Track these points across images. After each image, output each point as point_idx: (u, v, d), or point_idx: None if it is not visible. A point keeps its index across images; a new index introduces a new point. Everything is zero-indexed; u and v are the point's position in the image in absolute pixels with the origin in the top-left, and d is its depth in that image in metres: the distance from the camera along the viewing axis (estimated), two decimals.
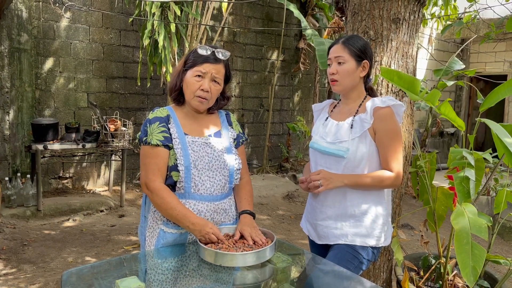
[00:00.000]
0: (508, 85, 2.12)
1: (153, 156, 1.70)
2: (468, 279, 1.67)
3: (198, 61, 1.69)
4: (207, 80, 1.69)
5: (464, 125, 2.15)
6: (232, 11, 6.65)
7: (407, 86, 2.13)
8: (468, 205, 1.89)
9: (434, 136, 9.14)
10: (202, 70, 1.68)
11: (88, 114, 5.51)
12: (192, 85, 1.70)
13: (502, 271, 3.60)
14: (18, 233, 4.08)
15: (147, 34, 4.86)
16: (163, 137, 1.70)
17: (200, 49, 1.71)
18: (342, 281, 1.58)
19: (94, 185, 5.75)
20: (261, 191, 6.01)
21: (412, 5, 2.39)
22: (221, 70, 1.73)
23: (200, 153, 1.72)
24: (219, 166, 1.75)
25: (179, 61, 1.81)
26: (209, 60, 1.69)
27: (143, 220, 1.87)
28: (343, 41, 1.88)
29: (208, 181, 1.73)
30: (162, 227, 1.74)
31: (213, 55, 1.70)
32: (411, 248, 4.15)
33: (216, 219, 1.76)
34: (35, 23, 5.07)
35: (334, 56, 1.87)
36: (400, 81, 2.12)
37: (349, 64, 1.85)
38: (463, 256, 1.72)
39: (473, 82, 9.18)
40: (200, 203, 1.72)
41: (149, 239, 1.79)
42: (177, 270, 1.60)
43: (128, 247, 3.86)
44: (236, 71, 6.89)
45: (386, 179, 1.81)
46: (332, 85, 1.91)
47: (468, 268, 1.69)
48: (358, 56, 1.85)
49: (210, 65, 1.69)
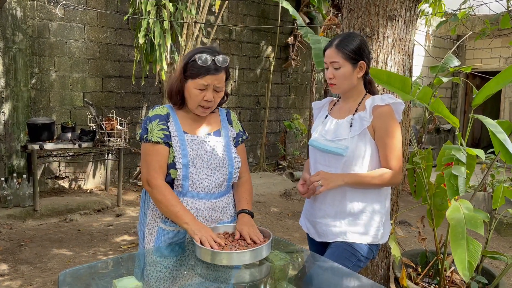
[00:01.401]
0: (497, 80, 2.11)
1: (154, 153, 1.71)
2: (464, 273, 1.68)
3: (200, 73, 1.66)
4: (210, 91, 1.68)
5: (458, 121, 2.15)
6: (228, 9, 6.64)
7: (398, 86, 2.13)
8: (464, 201, 1.90)
9: (431, 133, 9.16)
10: (204, 83, 1.66)
11: (84, 114, 5.49)
12: (196, 97, 1.69)
13: (499, 266, 3.61)
14: (15, 233, 4.07)
15: (143, 32, 4.84)
16: (163, 135, 1.71)
17: (200, 60, 1.65)
18: (340, 278, 1.58)
19: (90, 185, 5.73)
20: (258, 189, 6.01)
21: (408, 2, 2.38)
22: (222, 78, 1.71)
23: (198, 151, 1.73)
24: (218, 164, 1.75)
25: (178, 66, 1.79)
26: (210, 71, 1.66)
27: (142, 216, 1.88)
28: (337, 44, 1.84)
29: (206, 179, 1.74)
30: (161, 224, 1.75)
31: (213, 65, 1.66)
32: (409, 244, 4.15)
33: (214, 217, 1.77)
34: (30, 22, 5.04)
35: (329, 61, 1.86)
36: (390, 80, 2.11)
37: (345, 69, 1.83)
38: (458, 251, 1.72)
39: (469, 78, 9.21)
40: (198, 201, 1.73)
41: (148, 236, 1.80)
42: (175, 269, 1.59)
43: (125, 247, 3.85)
44: (232, 69, 6.88)
45: (386, 177, 1.81)
46: (331, 87, 1.91)
47: (464, 263, 1.70)
48: (353, 58, 1.83)
49: (212, 77, 1.66)
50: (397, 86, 2.13)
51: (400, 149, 1.85)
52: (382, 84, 2.15)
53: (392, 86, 2.14)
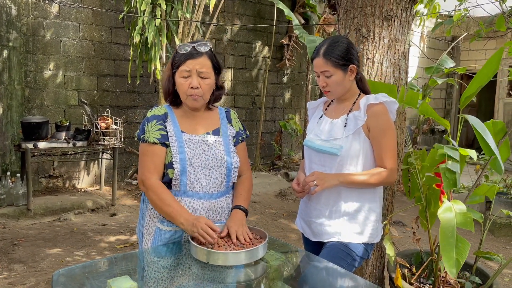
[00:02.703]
0: (479, 76, 2.11)
1: (150, 153, 1.71)
2: (451, 270, 1.71)
3: (181, 60, 1.69)
4: (194, 77, 1.68)
5: (449, 123, 2.17)
6: (224, 9, 6.63)
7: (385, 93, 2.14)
8: (457, 201, 1.92)
9: (425, 134, 9.21)
10: (186, 68, 1.68)
11: (78, 112, 5.46)
12: (182, 86, 1.69)
13: (493, 267, 3.63)
14: (8, 232, 4.04)
15: (138, 31, 4.83)
16: (160, 135, 1.71)
17: (180, 48, 1.70)
18: (335, 278, 1.58)
19: (85, 184, 5.70)
20: (254, 189, 6.01)
21: (404, 3, 2.39)
22: (205, 63, 1.70)
23: (196, 151, 1.72)
24: (216, 164, 1.74)
25: (167, 65, 1.80)
26: (190, 56, 1.68)
27: (141, 217, 1.88)
28: (324, 53, 1.83)
29: (204, 179, 1.73)
30: (158, 224, 1.75)
31: (193, 50, 1.69)
32: (403, 245, 4.17)
33: (212, 217, 1.76)
34: (24, 20, 5.01)
35: (319, 70, 1.86)
36: (377, 90, 2.12)
37: (336, 76, 1.83)
38: (447, 249, 1.75)
39: (464, 79, 9.25)
40: (196, 201, 1.72)
41: (146, 237, 1.80)
42: (173, 269, 1.59)
43: (120, 246, 3.83)
44: (228, 68, 6.87)
45: (380, 177, 1.81)
46: (326, 94, 1.92)
47: (452, 260, 1.73)
48: (343, 65, 1.82)
49: (193, 61, 1.68)
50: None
51: (395, 148, 1.86)
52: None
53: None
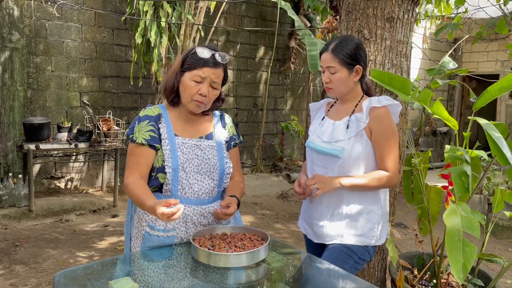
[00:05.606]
0: (501, 84, 2.14)
1: (136, 154, 1.66)
2: (458, 276, 1.68)
3: (198, 65, 1.62)
4: (205, 84, 1.63)
5: (457, 124, 2.17)
6: (226, 10, 6.64)
7: (399, 87, 2.15)
8: (462, 203, 1.90)
9: (427, 135, 9.19)
10: (202, 75, 1.62)
11: (80, 114, 5.47)
12: (190, 89, 1.63)
13: (495, 269, 3.62)
14: (10, 233, 4.04)
15: (140, 32, 4.84)
16: (150, 136, 1.65)
17: (200, 51, 1.63)
18: (337, 280, 1.57)
19: (86, 185, 5.71)
20: (255, 191, 6.00)
21: (406, 4, 2.38)
22: (220, 74, 1.67)
23: (189, 155, 1.68)
24: (208, 169, 1.71)
25: (176, 60, 1.75)
26: (208, 64, 1.62)
27: (129, 219, 1.82)
28: (333, 48, 1.83)
29: (196, 184, 1.69)
30: (147, 229, 1.69)
31: (212, 59, 1.63)
32: (405, 247, 4.16)
33: (204, 223, 1.72)
34: (27, 22, 5.02)
35: (325, 65, 1.85)
36: (391, 82, 2.13)
37: (341, 73, 1.83)
38: (454, 253, 1.73)
39: (466, 81, 9.24)
40: (187, 206, 1.68)
41: (134, 240, 1.75)
42: (164, 272, 1.57)
43: (122, 248, 3.83)
44: (229, 70, 6.88)
45: (382, 179, 1.80)
46: (327, 91, 1.91)
47: (459, 264, 1.70)
48: (349, 63, 1.82)
49: (210, 70, 1.62)
50: (398, 88, 2.15)
51: (397, 151, 1.85)
52: (383, 84, 2.16)
53: (393, 87, 2.15)
